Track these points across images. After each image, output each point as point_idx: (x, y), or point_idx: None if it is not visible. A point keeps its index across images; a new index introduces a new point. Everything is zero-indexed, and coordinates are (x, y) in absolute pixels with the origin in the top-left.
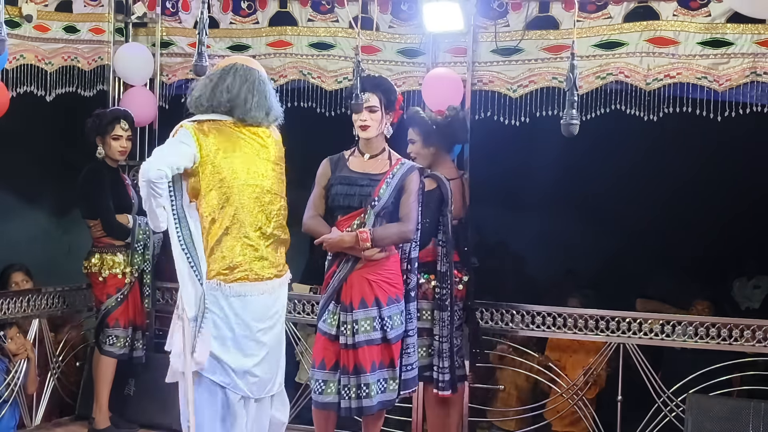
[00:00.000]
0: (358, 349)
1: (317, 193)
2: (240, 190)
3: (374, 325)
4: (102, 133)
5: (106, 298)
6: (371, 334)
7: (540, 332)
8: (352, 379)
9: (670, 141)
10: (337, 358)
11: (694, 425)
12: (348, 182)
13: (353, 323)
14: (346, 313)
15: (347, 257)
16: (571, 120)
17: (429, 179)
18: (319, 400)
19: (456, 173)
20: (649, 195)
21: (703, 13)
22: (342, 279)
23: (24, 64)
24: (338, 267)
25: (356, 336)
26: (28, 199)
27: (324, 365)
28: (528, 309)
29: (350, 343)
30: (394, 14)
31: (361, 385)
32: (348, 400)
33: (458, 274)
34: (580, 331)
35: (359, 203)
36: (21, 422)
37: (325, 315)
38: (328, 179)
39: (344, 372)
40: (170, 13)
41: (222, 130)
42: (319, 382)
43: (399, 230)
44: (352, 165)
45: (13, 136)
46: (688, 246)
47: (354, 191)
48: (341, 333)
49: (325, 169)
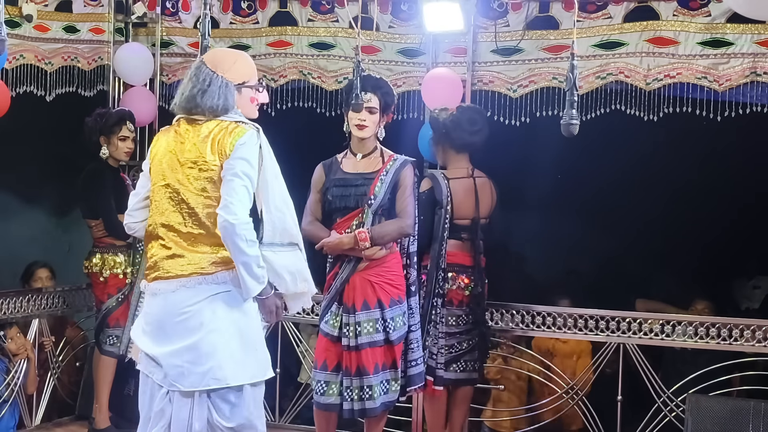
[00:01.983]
0: (360, 351)
1: (313, 199)
2: (157, 192)
3: (377, 327)
4: (107, 133)
5: (107, 298)
6: (374, 336)
7: (540, 332)
8: (355, 380)
9: (670, 141)
10: (339, 359)
11: (694, 425)
12: (343, 183)
13: (356, 325)
14: (349, 315)
15: (348, 258)
16: (571, 120)
17: (425, 179)
18: (320, 401)
19: (466, 173)
20: (649, 195)
21: (703, 13)
22: (344, 280)
23: (24, 64)
24: (340, 268)
25: (359, 338)
26: (28, 199)
27: (326, 366)
28: (528, 309)
29: (353, 345)
30: (394, 14)
31: (363, 387)
32: (351, 402)
33: (465, 280)
34: (580, 331)
35: (356, 203)
36: (21, 422)
37: (327, 316)
38: (323, 183)
39: (347, 374)
40: (170, 13)
41: (168, 132)
42: (321, 383)
43: (397, 226)
44: (345, 166)
45: (13, 135)
46: (688, 246)
47: (349, 192)
48: (344, 335)
49: (319, 174)
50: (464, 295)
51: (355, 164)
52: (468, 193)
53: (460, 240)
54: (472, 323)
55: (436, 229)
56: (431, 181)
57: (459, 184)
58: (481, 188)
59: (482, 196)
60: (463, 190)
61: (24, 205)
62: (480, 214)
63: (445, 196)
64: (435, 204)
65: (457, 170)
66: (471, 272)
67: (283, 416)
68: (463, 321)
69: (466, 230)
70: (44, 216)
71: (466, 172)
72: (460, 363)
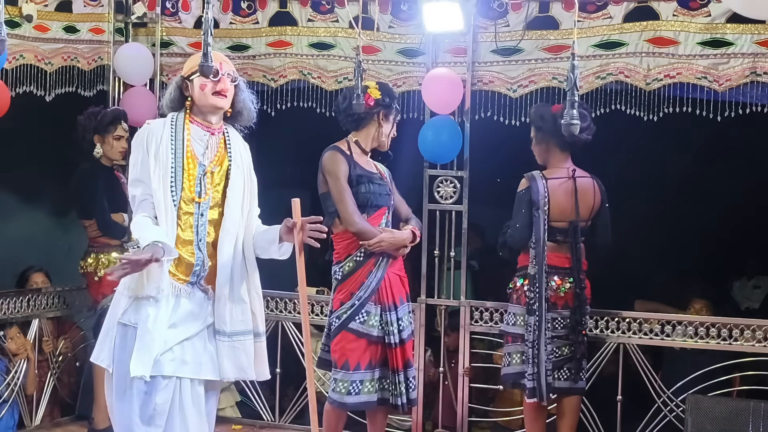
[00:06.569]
0: (405, 345)
1: (349, 190)
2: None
3: (410, 319)
4: (102, 132)
5: (101, 298)
6: (409, 329)
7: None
8: (401, 374)
9: (670, 141)
10: (378, 357)
11: (694, 425)
12: (374, 181)
13: (398, 321)
14: (390, 313)
15: (383, 256)
16: (572, 120)
17: (523, 179)
18: (352, 401)
19: (566, 174)
20: (649, 195)
21: (703, 13)
22: (380, 279)
23: (24, 64)
24: (375, 267)
25: (402, 333)
26: (28, 199)
27: (359, 366)
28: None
29: (398, 341)
30: (394, 14)
31: (409, 378)
32: (399, 396)
33: (558, 281)
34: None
35: (384, 202)
36: (21, 422)
37: (362, 317)
38: (348, 174)
39: (395, 370)
40: (170, 13)
41: None
42: (356, 383)
43: (420, 224)
44: (362, 163)
45: (12, 135)
46: (688, 246)
47: (382, 190)
48: (388, 333)
49: (343, 163)
50: (559, 297)
51: (367, 163)
52: (567, 195)
53: (555, 242)
54: (571, 328)
55: (537, 231)
56: (528, 181)
57: (558, 185)
58: (582, 189)
59: (583, 198)
60: (562, 191)
61: (24, 205)
62: (580, 216)
63: (542, 197)
64: (531, 204)
65: (558, 170)
66: (568, 274)
67: (283, 416)
68: (560, 324)
69: (563, 233)
70: (44, 216)
71: (566, 173)
72: (563, 370)
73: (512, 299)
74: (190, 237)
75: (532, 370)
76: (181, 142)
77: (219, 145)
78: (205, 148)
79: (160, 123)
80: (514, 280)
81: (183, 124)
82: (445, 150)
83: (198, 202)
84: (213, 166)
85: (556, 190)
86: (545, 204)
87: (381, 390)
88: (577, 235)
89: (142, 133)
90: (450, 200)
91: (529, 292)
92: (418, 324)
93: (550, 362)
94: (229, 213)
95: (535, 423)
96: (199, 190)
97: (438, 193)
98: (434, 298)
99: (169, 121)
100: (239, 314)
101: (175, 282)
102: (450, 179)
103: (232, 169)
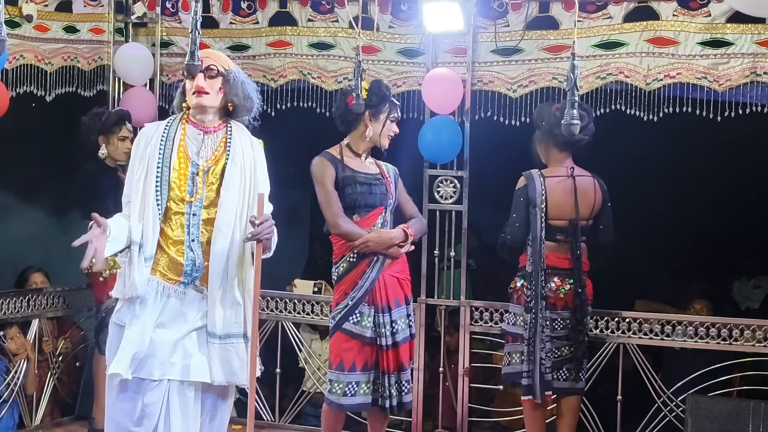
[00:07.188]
0: (398, 348)
1: (335, 194)
2: None
3: (407, 323)
4: (107, 133)
5: (106, 298)
6: (406, 332)
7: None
8: (393, 377)
9: (670, 141)
10: (372, 359)
11: (694, 425)
12: (363, 182)
13: (392, 323)
14: (384, 314)
15: (377, 257)
16: (572, 120)
17: (521, 177)
18: (347, 402)
19: (565, 173)
20: (649, 195)
21: (703, 13)
22: (374, 279)
23: (24, 64)
24: (369, 267)
25: (396, 336)
26: (28, 199)
27: (355, 368)
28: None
29: (391, 344)
30: (394, 14)
31: (402, 382)
32: (390, 399)
33: (558, 282)
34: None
35: (379, 202)
36: (21, 422)
37: (356, 317)
38: (335, 178)
39: (386, 372)
40: (170, 13)
41: None
42: (351, 384)
43: (423, 224)
44: (353, 165)
45: (13, 135)
46: (688, 246)
47: (375, 191)
48: (380, 335)
49: (329, 168)
50: (559, 298)
51: (361, 164)
52: (566, 194)
53: (555, 242)
54: (571, 328)
55: (534, 229)
56: (526, 179)
57: (556, 184)
58: (581, 188)
59: (582, 197)
60: (560, 189)
61: (24, 205)
62: (579, 215)
63: (539, 195)
64: (528, 202)
65: (556, 169)
66: (568, 275)
67: (283, 416)
68: (560, 325)
69: (562, 232)
70: (44, 216)
71: (565, 172)
72: (563, 371)
73: (513, 299)
74: (181, 236)
75: (527, 367)
76: (171, 142)
77: (218, 143)
78: (200, 147)
79: (155, 125)
80: (514, 280)
81: (178, 125)
82: (445, 150)
83: (189, 202)
84: (207, 165)
85: (554, 188)
86: (542, 202)
87: (374, 392)
88: (577, 234)
89: (137, 137)
90: (450, 200)
91: (527, 290)
92: (418, 324)
93: (550, 361)
94: (223, 212)
95: (532, 421)
96: (190, 189)
97: (438, 193)
98: (434, 298)
99: (165, 122)
100: (233, 316)
101: (164, 282)
102: (450, 179)
103: (227, 168)
